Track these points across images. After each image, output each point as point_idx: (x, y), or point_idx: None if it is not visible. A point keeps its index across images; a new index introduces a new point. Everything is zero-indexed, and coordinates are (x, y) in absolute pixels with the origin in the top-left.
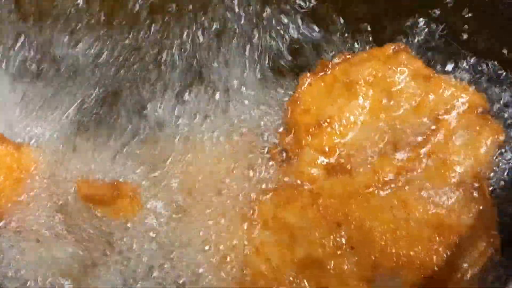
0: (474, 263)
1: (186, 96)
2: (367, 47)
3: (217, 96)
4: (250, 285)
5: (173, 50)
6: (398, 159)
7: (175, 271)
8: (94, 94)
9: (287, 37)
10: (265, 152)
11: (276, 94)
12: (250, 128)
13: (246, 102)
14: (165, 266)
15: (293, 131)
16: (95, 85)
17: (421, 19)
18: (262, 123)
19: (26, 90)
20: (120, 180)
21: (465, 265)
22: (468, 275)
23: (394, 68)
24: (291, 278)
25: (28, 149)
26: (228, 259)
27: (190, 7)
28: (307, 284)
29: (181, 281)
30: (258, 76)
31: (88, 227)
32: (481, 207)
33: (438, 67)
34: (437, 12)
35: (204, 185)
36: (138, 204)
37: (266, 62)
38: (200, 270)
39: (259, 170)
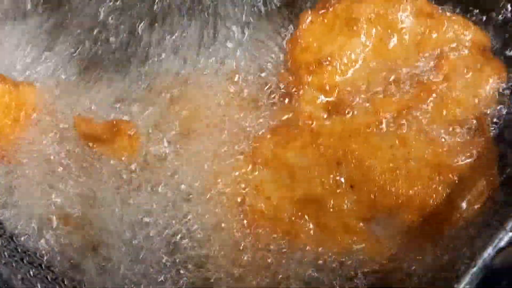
0: (473, 203)
1: (184, 37)
2: None
3: (216, 35)
4: (249, 223)
5: None
6: (399, 98)
7: (173, 209)
8: (93, 34)
9: None
10: (265, 91)
11: (277, 31)
12: (250, 66)
13: (245, 40)
14: (164, 205)
15: (293, 69)
16: (95, 25)
17: None
18: (262, 61)
19: (25, 29)
20: (119, 118)
21: (464, 204)
22: (467, 215)
23: (397, 5)
24: (290, 217)
25: (27, 88)
26: (227, 197)
27: None
28: (306, 222)
29: (180, 220)
30: (257, 13)
31: (88, 166)
32: (481, 147)
33: (442, 3)
34: None
35: (203, 124)
36: (137, 143)
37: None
38: (199, 209)
39: (259, 109)
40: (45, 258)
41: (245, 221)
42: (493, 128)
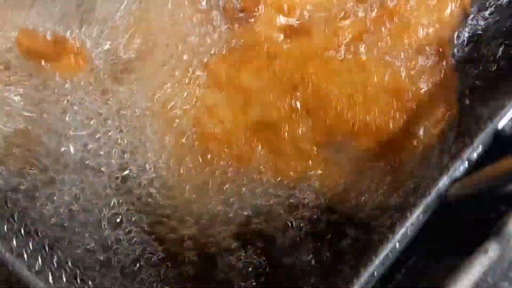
0: (431, 130)
1: None
2: None
3: None
4: (201, 146)
5: None
6: (360, 21)
7: (123, 133)
8: None
9: None
10: (219, 9)
11: None
12: None
13: None
14: (112, 127)
15: None
16: None
17: None
18: None
19: None
20: (65, 34)
21: (421, 131)
22: (424, 142)
23: None
24: (244, 141)
25: None
26: (178, 120)
27: None
28: (260, 147)
29: (128, 144)
30: None
31: (34, 85)
32: (442, 73)
33: None
34: None
35: (154, 43)
36: (84, 60)
37: None
38: (149, 134)
39: (212, 29)
40: None
41: (196, 144)
42: (454, 54)
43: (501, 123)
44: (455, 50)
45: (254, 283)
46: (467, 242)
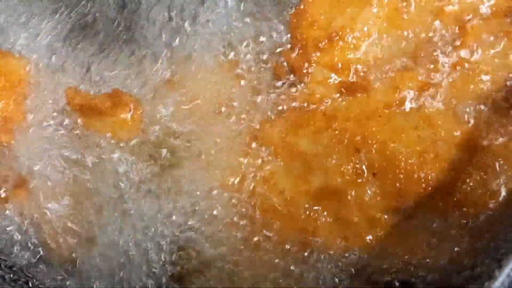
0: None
1: (183, 15)
2: None
3: (213, 12)
4: (260, 221)
5: None
6: (420, 73)
7: (175, 202)
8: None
9: None
10: (269, 72)
11: (279, 4)
12: (251, 46)
13: (244, 16)
14: (164, 196)
15: (300, 47)
16: None
17: None
18: (263, 40)
19: None
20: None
21: (500, 188)
22: (503, 198)
23: None
24: (307, 211)
25: (15, 59)
26: (234, 192)
27: None
28: (325, 217)
29: (189, 219)
30: None
31: (85, 143)
32: None
33: None
34: None
35: (205, 110)
36: (138, 120)
37: None
38: (202, 206)
39: (264, 93)
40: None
41: (255, 219)
42: None
43: None
44: None
45: None
46: None
